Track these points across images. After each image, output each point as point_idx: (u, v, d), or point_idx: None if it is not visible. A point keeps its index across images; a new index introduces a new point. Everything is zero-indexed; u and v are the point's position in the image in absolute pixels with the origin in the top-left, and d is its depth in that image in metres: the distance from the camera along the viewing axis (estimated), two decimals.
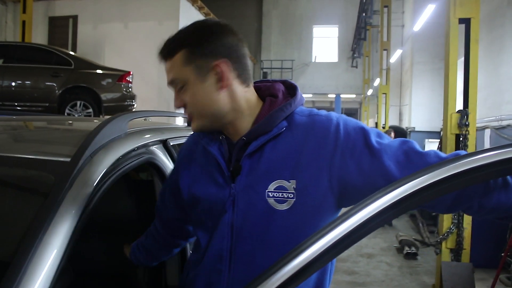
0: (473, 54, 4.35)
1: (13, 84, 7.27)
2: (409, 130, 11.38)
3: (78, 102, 7.12)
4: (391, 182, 0.89)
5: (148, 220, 1.71)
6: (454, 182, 0.68)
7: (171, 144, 1.83)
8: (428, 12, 7.91)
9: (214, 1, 18.78)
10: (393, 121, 16.35)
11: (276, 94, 1.16)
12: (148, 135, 1.69)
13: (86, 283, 1.98)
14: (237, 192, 1.09)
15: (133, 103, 7.53)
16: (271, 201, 1.06)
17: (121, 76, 7.32)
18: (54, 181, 1.09)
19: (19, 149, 1.32)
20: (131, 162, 1.42)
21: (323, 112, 1.14)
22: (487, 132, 8.09)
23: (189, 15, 12.56)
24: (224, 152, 1.14)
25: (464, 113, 4.25)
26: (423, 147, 10.70)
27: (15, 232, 1.01)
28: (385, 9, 13.52)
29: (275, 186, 1.06)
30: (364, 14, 17.82)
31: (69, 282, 1.95)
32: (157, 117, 2.79)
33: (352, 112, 27.80)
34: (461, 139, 4.27)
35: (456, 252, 4.36)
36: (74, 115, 7.12)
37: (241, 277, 1.08)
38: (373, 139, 1.05)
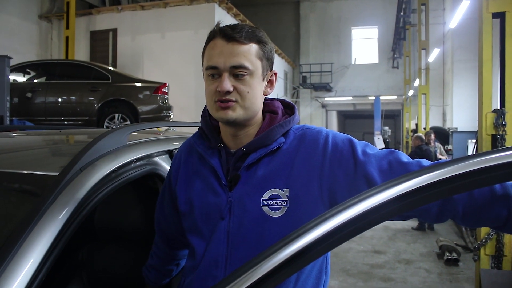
0: (509, 50, 4.14)
1: (55, 99, 7.59)
2: (451, 130, 10.97)
3: (116, 115, 7.34)
4: None
5: None
6: (462, 183, 0.62)
7: None
8: (463, 8, 7.59)
9: (250, 7, 18.94)
10: (436, 122, 15.84)
11: (276, 111, 1.22)
12: (151, 146, 1.70)
13: None
14: (234, 200, 1.14)
15: (170, 114, 7.68)
16: (265, 208, 1.11)
17: (157, 88, 7.47)
18: (40, 195, 1.11)
19: (13, 164, 1.35)
20: (130, 173, 1.43)
21: (314, 126, 1.21)
22: None
23: (225, 23, 12.60)
24: (223, 163, 1.19)
25: (500, 113, 4.04)
26: (466, 148, 10.31)
27: None
28: (423, 7, 13.15)
29: (269, 195, 1.11)
30: (402, 13, 17.41)
31: None
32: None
33: (395, 114, 27.13)
34: (498, 139, 4.06)
35: (496, 259, 4.13)
36: (112, 128, 7.31)
37: None
38: (359, 149, 1.11)
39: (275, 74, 1.22)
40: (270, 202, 1.10)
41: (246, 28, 1.13)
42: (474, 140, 9.96)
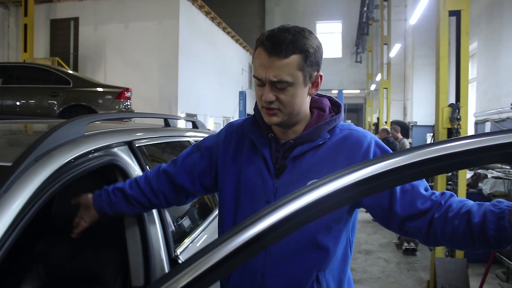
0: (463, 47, 4.30)
1: (13, 104, 7.26)
2: (411, 124, 11.29)
3: None
4: (392, 204, 1.16)
5: (118, 221, 1.70)
6: (430, 167, 0.65)
7: (137, 145, 1.82)
8: (423, 5, 7.79)
9: None
10: (397, 116, 16.25)
11: (324, 108, 1.32)
12: (110, 137, 1.68)
13: (57, 286, 1.98)
14: (280, 186, 1.26)
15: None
16: None
17: (119, 93, 7.29)
18: None
19: None
20: (88, 164, 1.41)
21: (361, 129, 1.32)
22: (488, 125, 8.00)
23: (189, 14, 12.56)
24: (272, 151, 1.30)
25: (455, 107, 4.20)
26: (425, 141, 10.64)
27: None
28: (385, 3, 13.41)
29: None
30: (366, 9, 17.71)
31: (39, 284, 1.96)
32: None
33: (358, 108, 27.63)
34: (453, 133, 4.22)
35: (450, 248, 4.32)
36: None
37: (277, 255, 1.24)
38: None
39: (321, 76, 1.26)
40: None
41: (288, 40, 1.15)
42: (432, 134, 10.30)
